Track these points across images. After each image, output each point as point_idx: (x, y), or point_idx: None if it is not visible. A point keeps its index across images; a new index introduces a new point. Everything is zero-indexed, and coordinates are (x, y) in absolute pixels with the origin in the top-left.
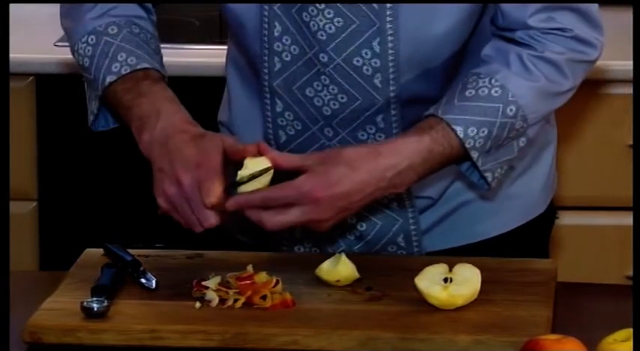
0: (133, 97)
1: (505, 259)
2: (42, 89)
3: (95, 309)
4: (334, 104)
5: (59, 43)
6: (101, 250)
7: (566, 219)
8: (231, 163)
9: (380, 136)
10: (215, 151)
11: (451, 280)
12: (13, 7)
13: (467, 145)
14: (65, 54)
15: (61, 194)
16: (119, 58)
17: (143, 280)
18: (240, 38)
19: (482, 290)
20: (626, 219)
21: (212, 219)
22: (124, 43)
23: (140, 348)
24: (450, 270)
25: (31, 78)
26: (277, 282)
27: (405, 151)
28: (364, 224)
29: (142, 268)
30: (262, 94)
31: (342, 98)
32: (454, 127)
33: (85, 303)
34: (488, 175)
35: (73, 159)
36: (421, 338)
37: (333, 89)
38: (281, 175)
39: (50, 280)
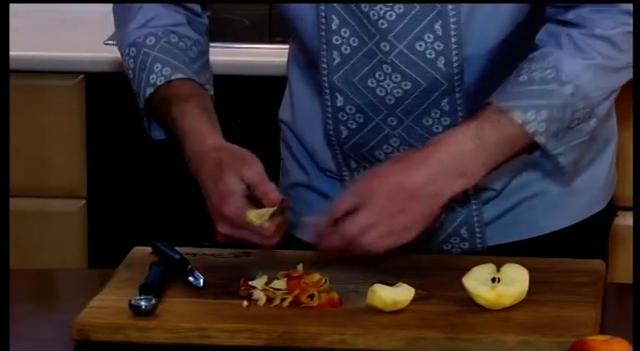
0: (167, 115)
1: (553, 259)
2: (91, 88)
3: (143, 307)
4: (398, 92)
5: (109, 42)
6: (149, 249)
7: (628, 219)
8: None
9: (445, 120)
10: (233, 195)
11: (499, 280)
12: (62, 6)
13: (528, 130)
14: (114, 52)
15: (110, 192)
16: (155, 70)
17: (191, 279)
18: (298, 35)
19: (530, 291)
20: None
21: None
22: (161, 54)
23: (188, 346)
24: (498, 270)
25: (80, 76)
26: (325, 281)
27: (452, 140)
28: None
29: (189, 267)
30: (322, 90)
31: (406, 85)
32: (511, 114)
33: (133, 301)
34: (562, 159)
35: (121, 157)
36: (468, 338)
37: (396, 77)
38: None
39: (98, 278)
